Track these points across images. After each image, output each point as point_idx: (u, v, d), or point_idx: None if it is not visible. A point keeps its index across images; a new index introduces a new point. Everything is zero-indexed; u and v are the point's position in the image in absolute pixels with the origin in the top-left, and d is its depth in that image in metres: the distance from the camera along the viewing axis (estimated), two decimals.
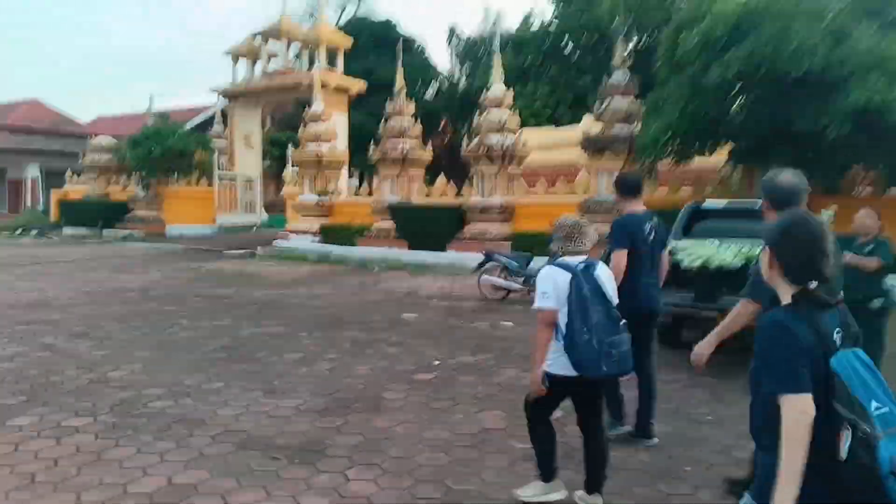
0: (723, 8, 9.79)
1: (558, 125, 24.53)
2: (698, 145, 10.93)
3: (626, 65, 13.55)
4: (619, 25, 14.69)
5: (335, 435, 4.27)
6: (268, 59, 23.25)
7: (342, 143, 19.88)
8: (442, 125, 31.26)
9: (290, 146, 19.43)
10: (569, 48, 28.56)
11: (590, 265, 3.18)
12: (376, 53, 28.10)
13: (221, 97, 25.04)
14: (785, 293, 1.87)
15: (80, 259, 15.50)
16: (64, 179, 26.32)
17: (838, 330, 1.81)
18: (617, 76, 13.38)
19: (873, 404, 1.66)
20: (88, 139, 24.59)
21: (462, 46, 32.53)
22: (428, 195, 16.70)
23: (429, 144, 17.18)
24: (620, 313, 3.21)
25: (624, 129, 13.01)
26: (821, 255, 1.82)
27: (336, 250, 16.73)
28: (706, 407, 4.90)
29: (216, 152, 22.36)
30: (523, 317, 8.27)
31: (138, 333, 7.37)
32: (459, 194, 15.94)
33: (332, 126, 18.42)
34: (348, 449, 4.04)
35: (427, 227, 15.51)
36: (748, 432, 1.96)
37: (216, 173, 21.95)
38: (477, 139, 15.02)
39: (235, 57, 23.40)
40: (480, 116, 15.17)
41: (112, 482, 3.57)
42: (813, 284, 1.81)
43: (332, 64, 22.41)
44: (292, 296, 10.21)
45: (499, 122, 14.76)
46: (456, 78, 33.29)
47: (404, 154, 16.32)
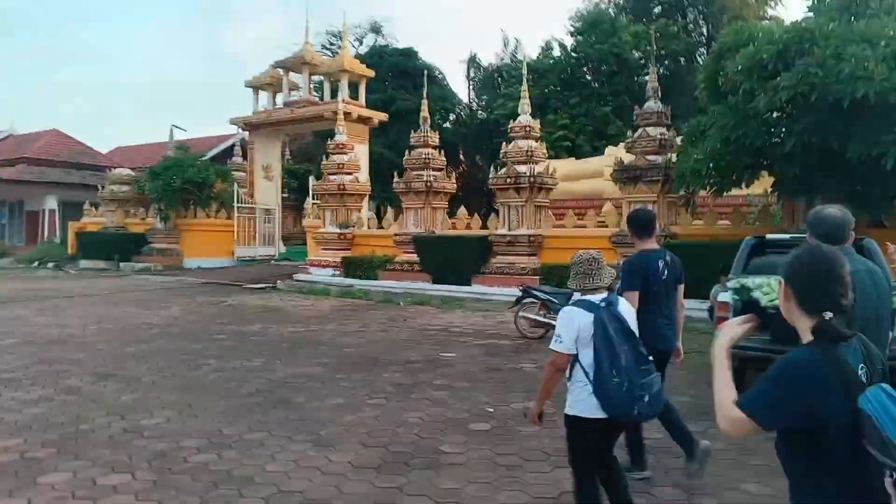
0: (770, 32, 9.50)
1: (578, 156, 24.30)
2: (742, 175, 10.57)
3: (658, 93, 13.26)
4: (650, 54, 14.41)
5: (401, 498, 3.82)
6: (289, 90, 23.23)
7: (363, 175, 19.64)
8: (460, 155, 31.14)
9: (312, 177, 19.20)
10: (588, 78, 28.49)
11: (612, 302, 3.11)
12: (396, 83, 28.17)
13: (238, 127, 25.06)
14: (803, 329, 1.80)
15: (100, 293, 15.21)
16: (82, 211, 26.27)
17: (862, 366, 1.74)
18: (649, 105, 13.08)
19: None
20: (107, 171, 24.56)
21: (481, 75, 32.59)
22: (453, 227, 16.37)
23: (453, 175, 16.90)
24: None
25: (658, 159, 12.66)
26: (835, 284, 1.77)
27: (358, 284, 16.38)
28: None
29: (236, 183, 22.20)
30: None
31: (166, 374, 6.98)
32: (485, 226, 15.59)
33: (355, 157, 18.20)
34: None
35: (452, 260, 15.14)
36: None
37: (236, 205, 21.74)
38: (504, 169, 14.72)
39: (256, 88, 23.41)
40: (507, 146, 14.90)
41: None
42: (828, 315, 1.73)
43: (354, 94, 22.35)
44: (322, 333, 9.80)
45: (527, 152, 14.46)
46: (474, 107, 33.28)
47: (429, 185, 16.05)
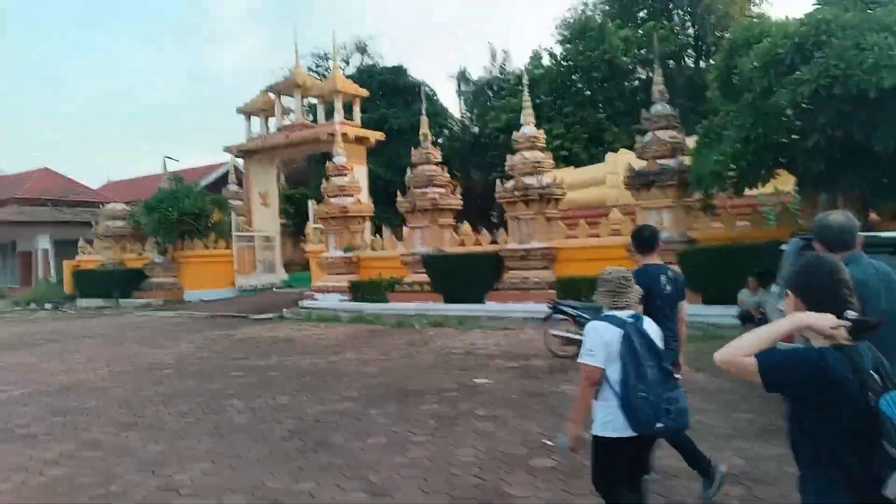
0: (784, 26, 9.31)
1: (575, 165, 24.08)
2: (761, 174, 10.33)
3: (665, 96, 13.06)
4: (655, 56, 14.23)
5: None
6: (282, 115, 22.95)
7: (364, 196, 19.32)
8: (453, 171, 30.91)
9: (313, 202, 18.86)
10: (580, 85, 28.38)
11: (638, 318, 3.15)
12: (386, 101, 27.98)
13: (233, 155, 24.75)
14: (814, 336, 1.88)
15: (104, 333, 14.75)
16: (75, 249, 25.78)
17: (876, 370, 1.80)
18: (657, 108, 12.86)
19: None
20: (101, 207, 24.14)
21: (471, 90, 32.48)
22: (461, 244, 16.06)
23: (457, 191, 16.62)
24: None
25: (671, 163, 12.42)
26: (842, 287, 1.89)
27: (367, 307, 16.00)
28: None
29: (233, 212, 21.84)
30: None
31: (190, 419, 6.58)
32: (494, 241, 15.28)
33: (356, 178, 17.90)
34: None
35: (463, 278, 14.79)
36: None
37: (234, 234, 21.35)
38: (511, 182, 14.44)
39: (248, 114, 23.12)
40: (513, 158, 14.63)
41: None
42: (851, 314, 1.83)
43: (349, 115, 22.09)
44: (342, 363, 9.42)
45: (533, 163, 14.20)
46: (466, 122, 33.13)
47: (434, 203, 15.74)
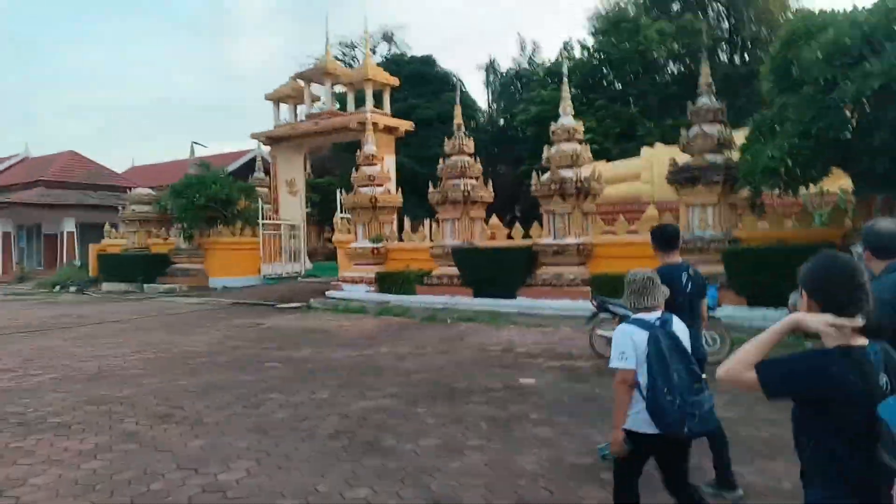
0: (852, 15, 8.82)
1: (607, 159, 23.57)
2: (820, 171, 9.87)
3: (712, 89, 12.57)
4: (704, 47, 13.73)
5: None
6: (311, 102, 22.68)
7: (392, 186, 19.01)
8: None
9: (342, 191, 18.55)
10: (611, 78, 27.83)
11: (666, 320, 3.15)
12: (415, 91, 27.59)
13: (260, 142, 24.55)
14: (827, 336, 1.85)
15: (130, 318, 14.62)
16: (100, 233, 25.82)
17: (884, 375, 1.78)
18: (704, 101, 12.39)
19: None
20: (127, 191, 24.09)
21: (499, 81, 32.00)
22: (492, 237, 15.70)
23: (489, 183, 16.24)
24: None
25: (717, 159, 11.95)
26: (859, 290, 1.85)
27: (395, 299, 15.71)
28: None
29: (260, 199, 21.65)
30: None
31: (229, 413, 6.32)
32: (527, 235, 14.90)
33: (387, 168, 17.58)
34: None
35: (494, 272, 14.43)
36: None
37: (261, 222, 21.16)
38: (547, 175, 14.05)
39: (277, 101, 22.89)
40: (550, 150, 14.23)
41: None
42: (861, 319, 1.81)
43: (379, 104, 21.75)
44: (377, 357, 9.13)
45: (571, 156, 13.78)
46: (492, 112, 32.66)
47: (466, 195, 15.38)
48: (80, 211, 29.20)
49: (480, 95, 34.26)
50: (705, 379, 3.13)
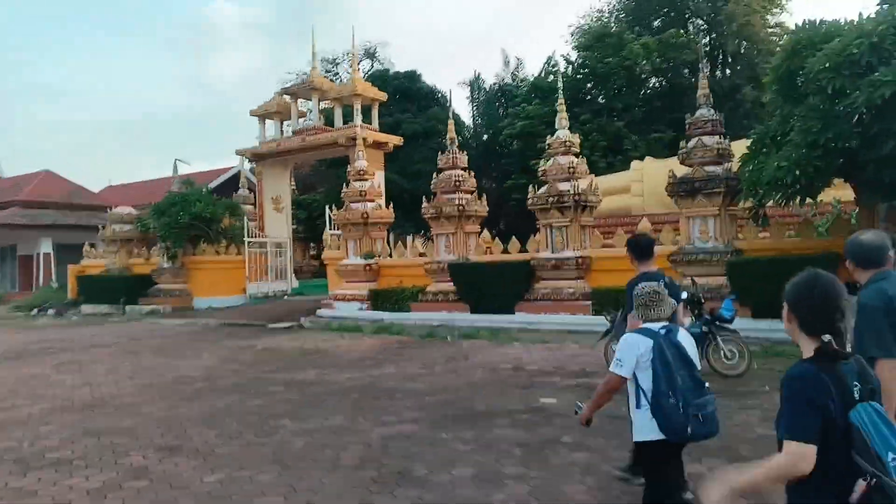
0: (859, 25, 8.82)
1: (594, 173, 23.55)
2: (824, 182, 9.84)
3: (710, 100, 12.56)
4: (700, 59, 13.75)
5: None
6: (298, 118, 22.36)
7: (382, 201, 18.75)
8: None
9: (333, 207, 18.20)
10: (595, 92, 27.94)
11: (671, 330, 3.28)
12: (400, 107, 27.41)
13: (244, 158, 24.13)
14: (805, 347, 2.02)
15: (116, 342, 14.08)
16: (78, 254, 25.08)
17: (856, 383, 1.92)
18: (702, 112, 12.35)
19: (889, 455, 1.79)
20: (108, 210, 23.45)
21: (482, 96, 31.97)
22: (488, 252, 15.49)
23: (484, 198, 16.06)
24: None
25: (717, 170, 11.91)
26: (833, 310, 1.98)
27: (389, 317, 15.39)
28: None
29: (245, 217, 21.20)
30: None
31: (242, 442, 5.97)
32: (524, 249, 14.72)
33: (378, 183, 17.33)
34: None
35: (492, 288, 14.20)
36: None
37: (246, 239, 20.70)
38: (544, 188, 13.91)
39: (262, 117, 22.53)
40: (546, 163, 14.12)
41: None
42: (826, 337, 1.93)
43: (367, 119, 21.50)
44: (385, 378, 8.81)
45: (568, 169, 13.67)
46: (477, 127, 32.58)
47: (461, 209, 15.17)
48: (57, 231, 28.42)
49: (464, 111, 34.25)
50: (708, 386, 3.23)
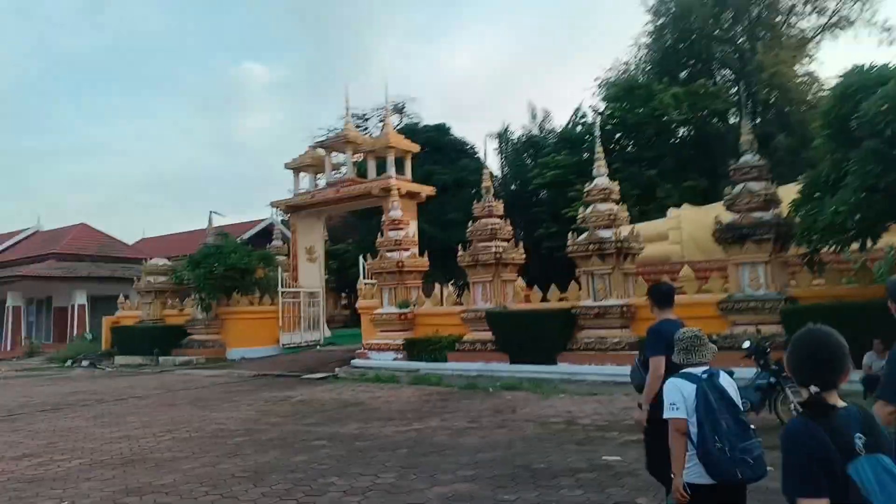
0: None
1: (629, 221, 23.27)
2: (885, 225, 9.48)
3: (754, 146, 12.35)
4: (741, 107, 13.63)
5: None
6: (332, 170, 22.61)
7: (416, 250, 18.63)
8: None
9: (368, 257, 18.14)
10: (624, 142, 27.93)
11: (713, 374, 3.29)
12: (430, 158, 27.60)
13: (277, 210, 24.38)
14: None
15: (151, 393, 13.92)
16: (111, 305, 25.29)
17: (860, 435, 1.86)
18: (747, 158, 12.13)
19: None
20: (143, 262, 23.71)
21: (510, 148, 32.14)
22: (526, 300, 15.17)
23: (520, 245, 15.86)
24: (657, 414, 3.49)
25: (766, 216, 11.59)
26: (818, 364, 2.02)
27: (425, 367, 15.05)
28: None
29: (279, 268, 21.24)
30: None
31: (292, 502, 5.65)
32: (563, 297, 14.39)
33: (413, 233, 17.26)
34: None
35: (532, 337, 13.83)
36: None
37: (280, 290, 20.67)
38: (584, 235, 13.66)
39: (296, 170, 22.83)
40: (585, 211, 13.93)
41: None
42: (814, 389, 1.98)
43: (400, 170, 21.65)
44: (430, 432, 8.45)
45: (609, 216, 13.45)
46: (505, 178, 32.64)
47: (498, 257, 14.96)
48: (92, 283, 28.79)
49: (491, 161, 34.47)
50: (754, 429, 3.19)
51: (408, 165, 22.15)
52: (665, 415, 3.29)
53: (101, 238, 32.34)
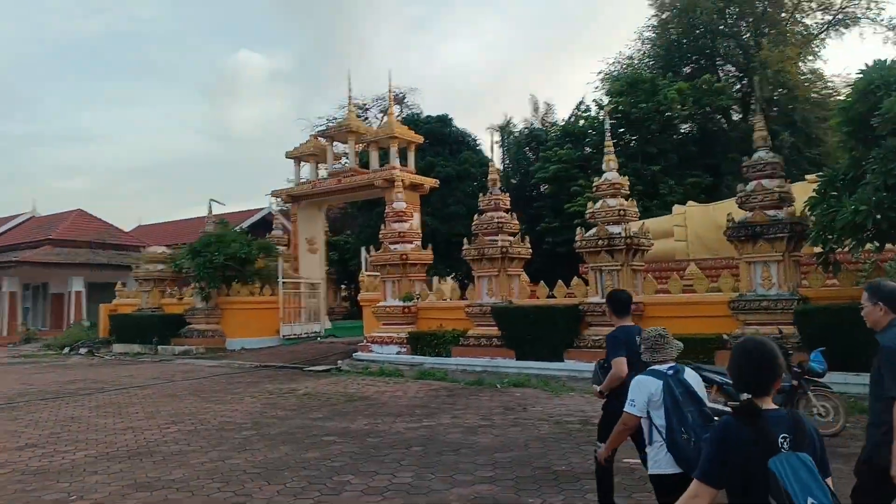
0: None
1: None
2: None
3: (768, 142, 12.19)
4: (758, 101, 13.45)
5: None
6: (334, 160, 22.37)
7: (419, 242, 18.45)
8: None
9: (371, 249, 17.95)
10: (628, 137, 27.74)
11: (678, 370, 3.49)
12: (432, 150, 27.37)
13: (276, 200, 24.14)
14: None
15: (151, 383, 13.72)
16: (108, 292, 25.04)
17: (785, 436, 2.13)
18: (760, 155, 11.95)
19: (808, 500, 1.99)
20: (140, 250, 23.44)
21: (512, 141, 31.92)
22: (532, 295, 15.03)
23: (527, 239, 15.70)
24: (618, 412, 3.78)
25: (780, 214, 11.44)
26: (753, 372, 2.28)
27: (429, 362, 14.91)
28: None
29: (280, 258, 21.02)
30: None
31: (308, 501, 5.49)
32: (570, 293, 14.24)
33: (417, 224, 17.07)
34: None
35: (539, 333, 13.69)
36: None
37: (281, 280, 20.46)
38: (593, 230, 13.50)
39: (298, 159, 22.57)
40: (594, 205, 13.76)
41: None
42: (746, 396, 2.26)
43: (403, 161, 21.42)
44: (442, 430, 8.29)
45: (618, 211, 13.29)
46: (507, 171, 32.45)
47: (504, 251, 14.79)
48: (89, 270, 28.49)
49: (492, 155, 34.31)
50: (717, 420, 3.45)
51: (411, 156, 21.93)
52: (625, 408, 3.57)
53: (98, 224, 32.02)
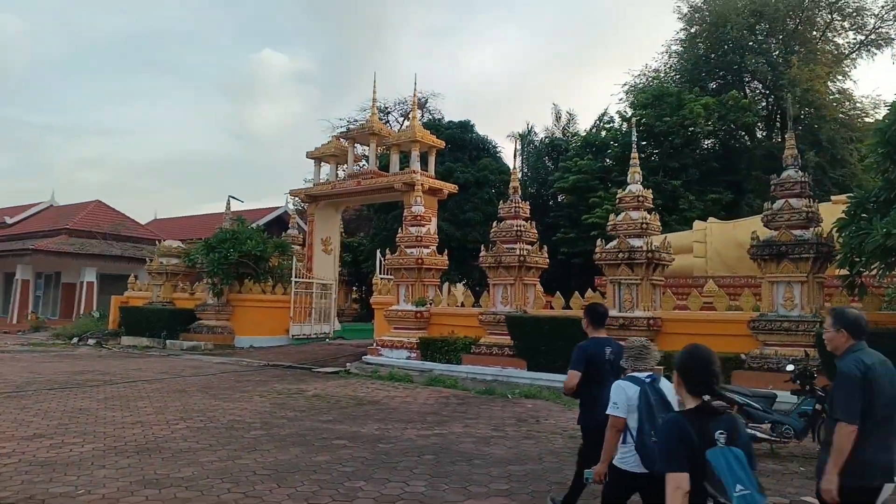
0: None
1: None
2: None
3: (798, 161, 11.94)
4: (788, 117, 13.19)
5: None
6: (354, 162, 22.30)
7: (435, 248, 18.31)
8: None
9: (386, 252, 17.83)
10: (649, 150, 27.49)
11: (655, 379, 3.72)
12: (452, 156, 27.27)
13: (292, 199, 24.08)
14: (689, 403, 2.64)
15: (160, 377, 13.63)
16: (120, 284, 25.10)
17: (722, 432, 2.46)
18: (789, 174, 11.70)
19: (737, 487, 2.32)
20: (156, 243, 23.47)
21: (532, 149, 31.77)
22: (548, 305, 14.81)
23: (544, 249, 15.50)
24: (578, 424, 4.76)
25: (806, 234, 11.18)
26: (708, 375, 2.61)
27: (439, 368, 14.71)
28: None
29: (294, 257, 20.94)
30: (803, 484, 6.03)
31: None
32: (586, 305, 14.00)
33: (434, 229, 16.93)
34: None
35: (553, 344, 13.41)
36: None
37: (294, 280, 20.37)
38: (614, 243, 13.29)
39: (318, 159, 22.52)
40: (616, 217, 13.55)
41: None
42: (706, 397, 2.56)
43: (423, 166, 21.32)
44: (454, 439, 8.11)
45: (640, 224, 13.07)
46: (526, 180, 32.29)
47: (522, 259, 14.60)
48: (102, 261, 28.59)
49: (511, 162, 34.15)
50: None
51: (431, 161, 21.82)
52: (607, 411, 3.75)
53: (115, 216, 32.15)
